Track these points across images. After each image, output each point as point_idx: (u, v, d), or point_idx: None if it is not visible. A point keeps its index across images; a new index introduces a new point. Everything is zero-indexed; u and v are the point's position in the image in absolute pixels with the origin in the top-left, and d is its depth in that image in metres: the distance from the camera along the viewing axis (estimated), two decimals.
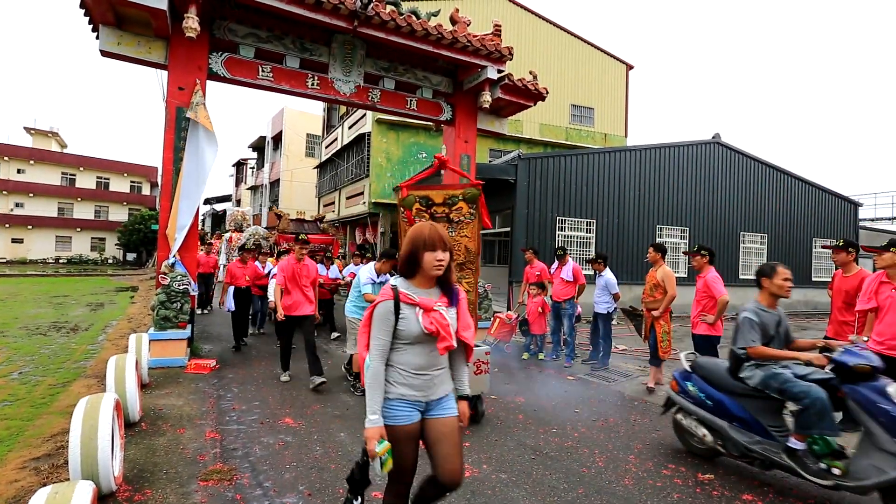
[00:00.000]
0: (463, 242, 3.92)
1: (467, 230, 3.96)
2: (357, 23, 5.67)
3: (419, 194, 3.95)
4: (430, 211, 3.91)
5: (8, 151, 31.77)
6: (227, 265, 6.69)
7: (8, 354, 5.62)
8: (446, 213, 3.93)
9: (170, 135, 5.37)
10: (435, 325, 1.67)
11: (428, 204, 3.89)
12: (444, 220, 3.95)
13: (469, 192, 3.99)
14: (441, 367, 1.77)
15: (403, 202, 3.87)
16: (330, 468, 2.84)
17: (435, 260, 1.67)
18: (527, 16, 16.73)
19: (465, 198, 3.99)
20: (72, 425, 2.34)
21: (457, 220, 3.97)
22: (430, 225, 1.73)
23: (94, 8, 4.79)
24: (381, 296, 1.69)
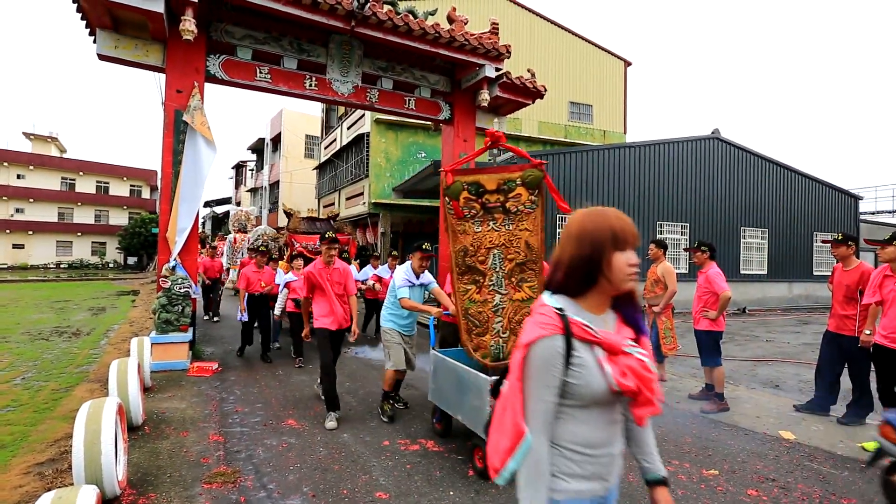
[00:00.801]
0: (523, 237, 3.15)
1: (528, 222, 3.14)
2: (354, 23, 5.66)
3: (467, 180, 3.13)
4: (482, 200, 3.15)
5: (7, 157, 31.82)
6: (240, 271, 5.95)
7: (11, 360, 5.63)
8: (501, 202, 3.14)
9: (168, 138, 5.37)
10: (633, 378, 1.01)
11: (479, 191, 3.13)
12: (498, 211, 3.17)
13: (529, 174, 3.11)
14: (618, 439, 1.13)
15: (449, 191, 3.10)
16: (333, 469, 2.85)
17: (627, 266, 1.05)
18: (524, 14, 16.70)
19: (525, 182, 3.12)
20: (75, 430, 2.34)
21: (515, 211, 3.15)
22: (614, 212, 1.10)
23: (90, 12, 4.79)
24: (539, 325, 1.02)
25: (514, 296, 3.15)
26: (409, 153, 14.73)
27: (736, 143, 12.59)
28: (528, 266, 3.15)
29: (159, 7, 4.69)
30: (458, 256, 3.18)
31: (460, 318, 3.18)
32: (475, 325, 3.15)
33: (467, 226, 3.18)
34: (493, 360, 3.11)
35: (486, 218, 3.19)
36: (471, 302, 3.17)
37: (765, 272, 12.96)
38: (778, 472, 2.96)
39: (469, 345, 3.15)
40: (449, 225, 3.23)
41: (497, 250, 3.17)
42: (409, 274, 3.78)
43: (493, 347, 3.14)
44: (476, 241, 3.16)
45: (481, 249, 3.17)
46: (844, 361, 3.88)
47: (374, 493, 2.57)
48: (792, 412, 4.12)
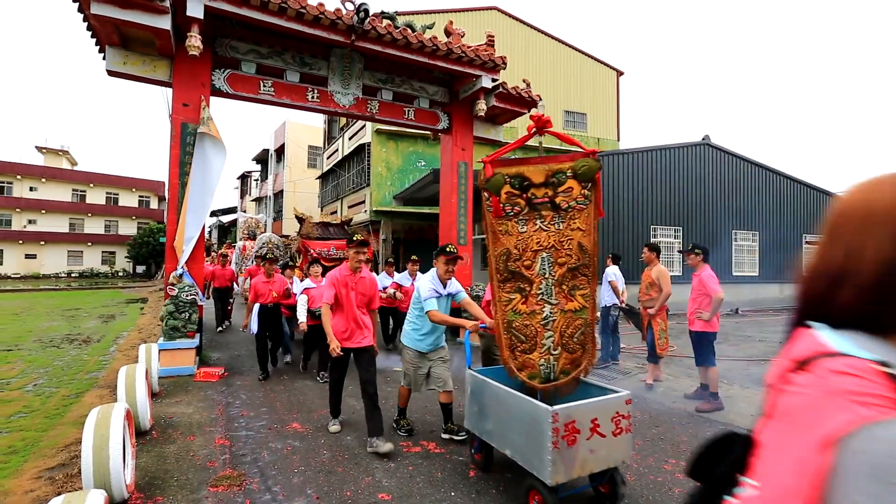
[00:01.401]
0: (575, 238, 2.68)
1: (580, 220, 2.69)
2: (354, 37, 5.82)
3: (510, 172, 2.70)
4: (527, 195, 2.70)
5: (21, 170, 32.48)
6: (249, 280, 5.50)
7: (23, 367, 5.75)
8: (550, 198, 2.70)
9: (175, 150, 5.52)
10: None
11: (523, 185, 2.68)
12: (546, 208, 2.71)
13: (583, 164, 2.66)
14: None
15: (489, 184, 2.67)
16: (337, 471, 2.89)
17: None
18: (519, 26, 17.03)
19: (578, 174, 2.67)
20: (84, 436, 2.39)
21: (566, 207, 2.70)
22: None
23: (100, 30, 4.97)
24: (853, 398, 0.48)
25: (566, 306, 2.70)
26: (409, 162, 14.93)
27: (726, 149, 12.77)
28: (581, 271, 2.70)
29: (166, 24, 4.86)
30: (500, 261, 2.73)
31: (501, 332, 2.72)
32: (521, 340, 2.68)
33: (510, 225, 2.73)
34: (542, 382, 2.66)
35: (532, 216, 2.74)
36: (515, 314, 2.70)
37: (756, 274, 13.11)
38: None
39: (512, 363, 2.70)
40: (487, 224, 2.76)
41: (546, 253, 2.71)
42: (436, 282, 3.33)
43: (543, 367, 2.67)
44: (521, 243, 2.72)
45: (527, 252, 2.72)
46: None
47: (377, 494, 2.61)
48: None
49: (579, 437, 2.27)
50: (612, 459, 2.40)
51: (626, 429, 2.43)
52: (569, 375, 2.68)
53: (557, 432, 2.20)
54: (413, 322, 3.46)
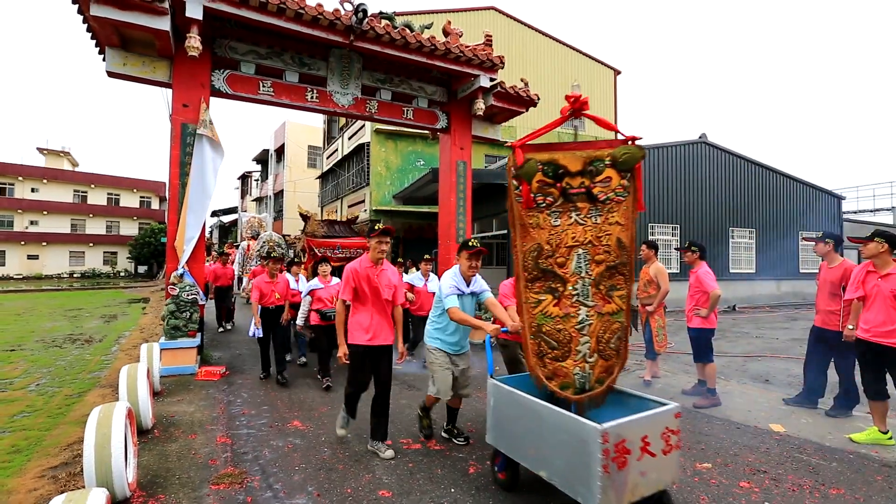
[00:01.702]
0: (613, 233, 2.42)
1: (619, 214, 2.43)
2: (353, 37, 5.84)
3: (543, 158, 2.44)
4: (562, 185, 2.44)
5: (22, 171, 32.57)
6: (253, 282, 5.17)
7: (25, 367, 5.78)
8: (587, 188, 2.42)
9: (175, 150, 5.54)
10: None
11: (557, 174, 2.42)
12: (582, 199, 2.45)
13: (624, 152, 2.40)
14: None
15: (521, 171, 2.40)
16: (338, 469, 2.91)
17: None
18: (517, 26, 17.08)
19: (617, 162, 2.41)
20: (85, 435, 2.40)
21: (604, 199, 2.44)
22: None
23: (99, 31, 4.98)
24: None
25: (604, 308, 2.44)
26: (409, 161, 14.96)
27: (723, 147, 12.82)
28: (620, 270, 2.44)
29: (165, 25, 4.87)
30: (529, 258, 2.48)
31: (527, 337, 2.47)
32: (552, 346, 2.43)
33: (541, 218, 2.48)
34: (576, 392, 2.41)
35: (566, 208, 2.47)
36: (545, 317, 2.44)
37: (753, 271, 13.20)
38: (769, 464, 3.01)
39: (539, 371, 2.45)
40: (516, 217, 2.48)
41: (582, 250, 2.45)
42: (458, 279, 3.07)
43: (578, 376, 2.41)
44: (554, 238, 2.46)
45: (561, 248, 2.45)
46: (831, 356, 3.96)
47: (377, 491, 2.62)
48: (781, 406, 4.19)
49: (630, 459, 1.98)
50: (662, 481, 2.12)
51: (676, 445, 2.16)
52: (603, 384, 2.45)
53: (607, 454, 1.90)
54: (435, 321, 3.21)
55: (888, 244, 3.23)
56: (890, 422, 3.46)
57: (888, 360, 3.20)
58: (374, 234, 3.09)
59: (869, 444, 3.28)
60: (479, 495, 2.61)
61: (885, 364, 3.24)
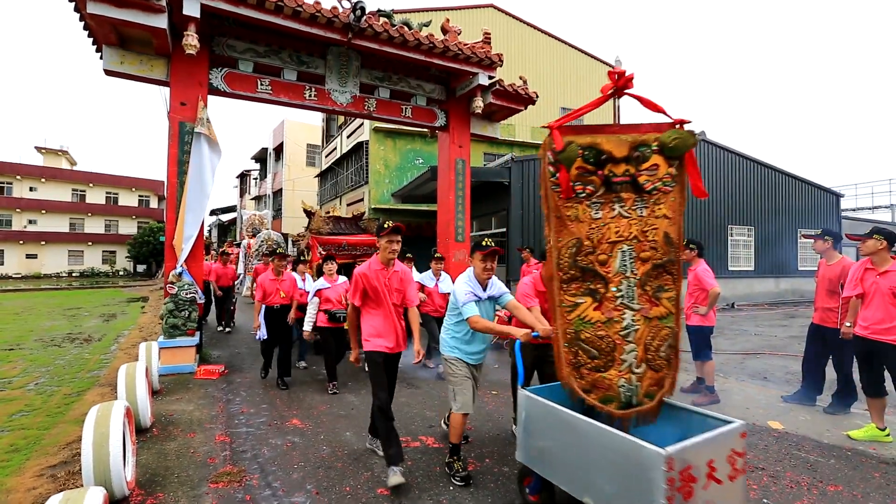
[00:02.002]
0: (660, 227, 2.17)
1: (666, 206, 2.19)
2: (351, 35, 5.82)
3: (584, 142, 2.17)
4: (604, 172, 2.18)
5: (20, 170, 32.50)
6: (258, 280, 4.90)
7: (24, 366, 5.78)
8: (631, 176, 2.17)
9: (173, 149, 5.53)
10: None
11: (600, 160, 2.16)
12: (626, 189, 2.19)
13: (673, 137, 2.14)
14: None
15: (562, 156, 2.13)
16: (337, 467, 2.91)
17: None
18: (515, 24, 17.09)
19: (666, 148, 2.16)
20: (84, 433, 2.40)
21: (650, 189, 2.19)
22: None
23: (97, 29, 4.96)
24: None
25: (651, 312, 2.17)
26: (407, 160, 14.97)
27: (722, 145, 12.82)
28: (668, 268, 2.18)
29: (162, 23, 4.85)
30: (566, 254, 2.20)
31: (561, 344, 2.21)
32: (591, 355, 2.16)
33: (580, 209, 2.21)
34: (621, 407, 2.14)
35: (608, 198, 2.20)
36: (584, 322, 2.17)
37: (752, 268, 13.22)
38: (767, 460, 3.02)
39: (575, 383, 2.18)
40: (551, 208, 2.21)
41: (627, 246, 2.18)
42: (473, 283, 2.79)
43: (624, 389, 2.13)
44: (595, 233, 2.19)
45: (603, 244, 2.18)
46: (829, 353, 3.97)
47: (375, 489, 2.63)
48: (780, 403, 4.21)
49: (696, 487, 1.73)
50: None
51: (742, 470, 1.90)
52: (653, 399, 2.15)
53: (672, 483, 1.65)
54: (451, 329, 2.92)
55: (886, 241, 3.24)
56: (888, 419, 3.47)
57: (886, 358, 3.21)
58: (384, 233, 2.84)
59: (867, 440, 3.29)
60: (478, 493, 2.61)
61: (883, 361, 3.25)
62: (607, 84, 2.26)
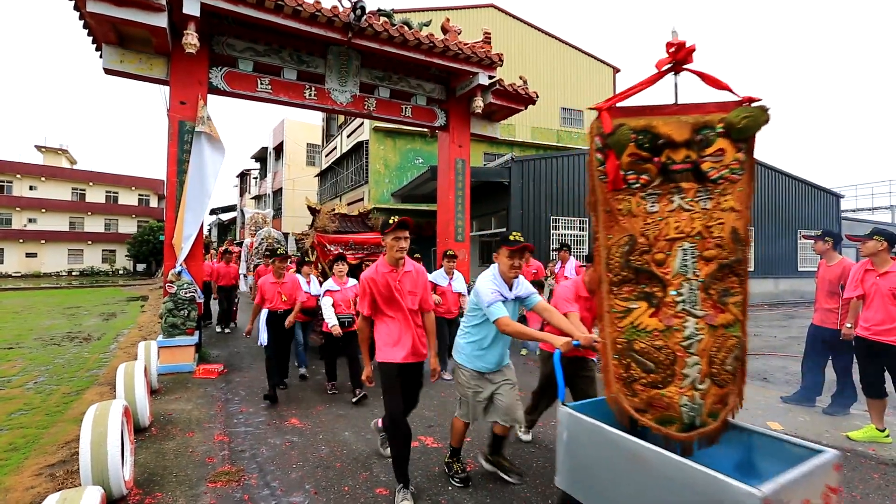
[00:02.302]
0: (727, 222, 1.90)
1: (733, 197, 1.91)
2: (351, 34, 5.82)
3: (637, 125, 1.93)
4: (661, 159, 1.93)
5: (20, 169, 32.49)
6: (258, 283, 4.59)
7: (23, 365, 5.78)
8: (693, 163, 1.91)
9: (173, 148, 5.52)
10: None
11: (656, 145, 1.92)
12: (687, 177, 1.93)
13: (742, 116, 1.87)
14: None
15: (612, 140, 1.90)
16: (335, 466, 2.91)
17: None
18: (516, 24, 17.11)
19: (733, 129, 1.88)
20: (82, 433, 2.40)
21: (715, 178, 1.92)
22: None
23: (96, 28, 4.96)
24: None
25: (717, 319, 1.87)
26: (407, 159, 14.98)
27: None
28: (735, 269, 1.89)
29: (162, 22, 4.84)
30: (616, 254, 1.96)
31: (610, 355, 1.96)
32: (648, 368, 1.89)
33: (633, 202, 1.95)
34: (683, 429, 1.86)
35: (666, 189, 1.94)
36: (638, 331, 1.92)
37: (752, 269, 13.28)
38: None
39: (626, 400, 1.93)
40: (599, 201, 1.98)
41: (688, 243, 1.91)
42: (499, 282, 2.53)
43: (687, 408, 1.85)
44: (651, 229, 1.93)
45: (660, 242, 1.92)
46: (829, 354, 3.97)
47: (374, 489, 2.62)
48: (779, 404, 4.20)
49: None
50: None
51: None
52: (717, 419, 1.88)
53: None
54: (469, 333, 2.64)
55: (886, 242, 3.24)
56: (887, 420, 3.47)
57: (887, 359, 3.21)
58: (390, 230, 2.54)
59: (866, 442, 3.29)
60: (477, 493, 2.61)
61: (883, 362, 3.25)
62: (663, 58, 1.94)
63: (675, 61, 1.95)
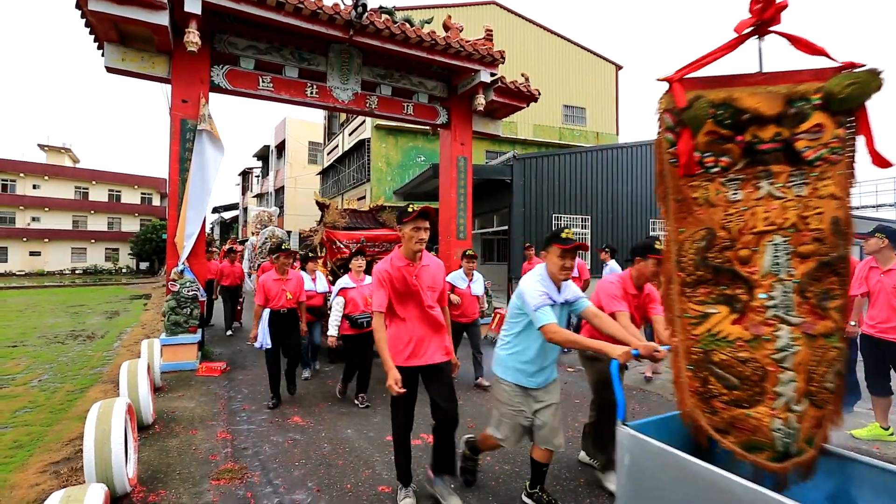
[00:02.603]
0: (826, 211, 1.58)
1: (833, 182, 1.58)
2: (353, 32, 5.80)
3: (717, 97, 1.61)
4: (745, 138, 1.61)
5: (23, 168, 32.61)
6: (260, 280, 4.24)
7: (28, 363, 5.82)
8: (784, 141, 1.59)
9: (175, 146, 5.53)
10: None
11: (738, 121, 1.60)
12: (777, 159, 1.62)
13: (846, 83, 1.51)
14: None
15: (687, 116, 1.61)
16: (338, 464, 2.91)
17: None
18: (518, 21, 17.04)
19: (833, 100, 1.54)
20: (85, 430, 2.41)
21: (812, 160, 1.59)
22: None
23: (98, 26, 4.96)
24: None
25: (815, 328, 1.59)
26: (409, 157, 14.96)
27: None
28: (836, 268, 1.59)
29: (164, 20, 4.84)
30: (691, 250, 1.68)
31: (683, 367, 1.69)
32: (731, 384, 1.61)
33: (711, 189, 1.65)
34: (777, 458, 1.58)
35: (752, 173, 1.63)
36: (717, 340, 1.64)
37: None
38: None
39: (704, 419, 1.64)
40: (669, 188, 1.70)
41: (780, 237, 1.61)
42: (547, 283, 2.22)
43: (781, 433, 1.57)
44: (734, 220, 1.63)
45: (745, 236, 1.62)
46: None
47: (376, 486, 2.63)
48: None
49: None
50: None
51: None
52: (813, 445, 1.61)
53: None
54: (510, 343, 2.33)
55: (888, 239, 3.22)
56: (892, 418, 3.45)
57: (892, 356, 3.20)
58: (409, 219, 2.30)
59: (870, 439, 3.28)
60: (478, 492, 2.61)
61: (888, 360, 3.23)
62: (745, 19, 1.62)
63: (761, 21, 1.59)
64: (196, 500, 2.50)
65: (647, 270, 2.58)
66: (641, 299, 2.70)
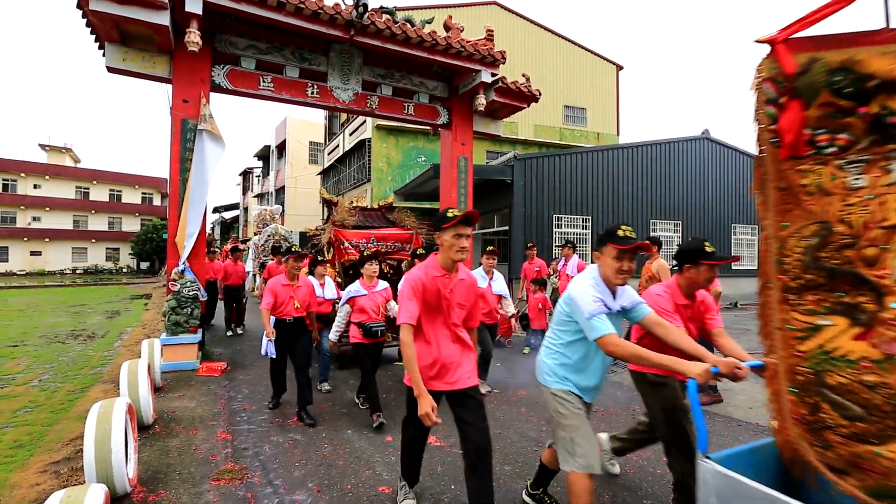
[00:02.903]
0: None
1: None
2: (354, 32, 5.80)
3: (834, 60, 1.27)
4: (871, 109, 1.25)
5: (24, 168, 32.69)
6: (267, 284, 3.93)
7: (28, 363, 5.81)
8: None
9: (176, 146, 5.53)
10: None
11: (861, 89, 1.24)
12: None
13: None
14: None
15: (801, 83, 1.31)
16: (338, 465, 2.91)
17: None
18: (519, 21, 17.06)
19: None
20: (86, 430, 2.40)
21: None
22: None
23: (99, 26, 4.96)
24: None
25: None
26: (410, 157, 14.98)
27: (725, 143, 12.79)
28: None
29: (165, 20, 4.84)
30: (799, 249, 1.42)
31: (784, 388, 1.46)
32: (852, 415, 1.34)
33: (825, 174, 1.38)
34: None
35: (879, 154, 1.32)
36: (832, 358, 1.37)
37: (755, 267, 13.15)
38: None
39: (814, 453, 1.40)
40: (769, 173, 1.45)
41: None
42: (601, 288, 1.95)
43: None
44: (855, 213, 1.34)
45: (871, 232, 1.33)
46: None
47: (377, 487, 2.62)
48: None
49: None
50: None
51: None
52: None
53: None
54: (561, 353, 2.06)
55: None
56: None
57: None
58: (450, 224, 2.00)
59: None
60: None
61: None
62: None
63: None
64: (196, 501, 2.49)
65: (701, 278, 2.19)
66: (695, 309, 2.31)
